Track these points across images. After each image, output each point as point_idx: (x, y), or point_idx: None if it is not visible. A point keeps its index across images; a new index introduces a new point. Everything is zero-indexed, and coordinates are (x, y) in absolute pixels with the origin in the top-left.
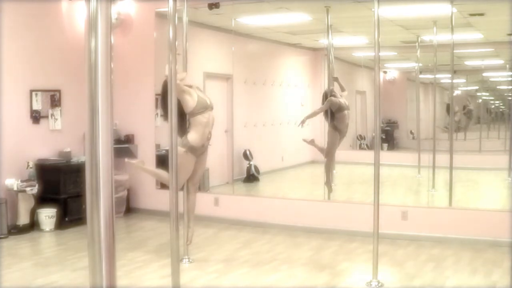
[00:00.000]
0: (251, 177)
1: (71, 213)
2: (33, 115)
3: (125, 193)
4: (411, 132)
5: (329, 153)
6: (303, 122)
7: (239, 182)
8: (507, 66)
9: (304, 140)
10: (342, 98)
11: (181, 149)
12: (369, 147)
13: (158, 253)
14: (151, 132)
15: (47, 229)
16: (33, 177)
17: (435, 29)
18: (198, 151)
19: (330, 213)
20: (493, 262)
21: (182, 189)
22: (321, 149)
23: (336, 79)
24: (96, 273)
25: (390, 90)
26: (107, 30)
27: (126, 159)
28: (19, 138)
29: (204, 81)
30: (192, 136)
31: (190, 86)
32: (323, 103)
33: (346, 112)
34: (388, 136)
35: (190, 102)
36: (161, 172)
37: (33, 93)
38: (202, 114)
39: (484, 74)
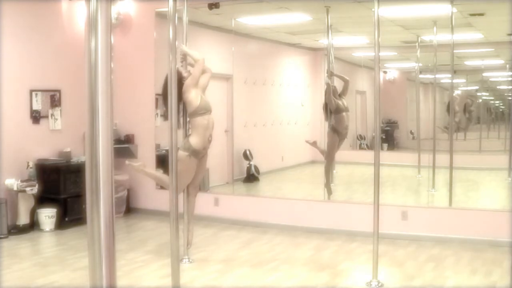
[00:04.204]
0: (251, 177)
1: (71, 213)
2: (33, 115)
3: (125, 193)
4: (411, 132)
5: (328, 156)
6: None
7: (239, 182)
8: (507, 66)
9: (307, 142)
10: (341, 100)
11: (183, 154)
12: (369, 147)
13: (158, 253)
14: (151, 132)
15: (47, 229)
16: (33, 177)
17: (435, 29)
18: (200, 154)
19: (330, 213)
20: (493, 262)
21: (182, 191)
22: (322, 151)
23: (332, 74)
24: (96, 273)
25: (390, 90)
26: (107, 30)
27: (126, 162)
28: (19, 138)
29: None
30: (194, 140)
31: None
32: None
33: (344, 113)
34: (388, 136)
35: (194, 100)
36: (163, 176)
37: (33, 93)
38: (203, 116)
39: (484, 74)
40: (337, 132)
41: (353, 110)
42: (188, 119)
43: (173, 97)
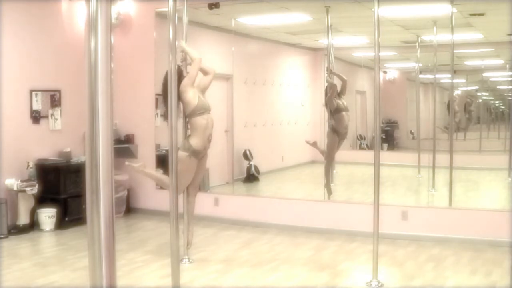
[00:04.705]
0: (251, 177)
1: (71, 213)
2: (33, 115)
3: (125, 193)
4: (411, 132)
5: (328, 156)
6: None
7: (239, 182)
8: (507, 66)
9: (307, 142)
10: (341, 99)
11: (184, 154)
12: (369, 147)
13: (158, 253)
14: (151, 132)
15: (47, 229)
16: (33, 177)
17: (435, 29)
18: (200, 154)
19: (330, 213)
20: (493, 262)
21: (182, 191)
22: (322, 152)
23: (332, 73)
24: (96, 273)
25: (390, 90)
26: (107, 30)
27: (126, 162)
28: (19, 138)
29: None
30: (194, 140)
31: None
32: (325, 100)
33: (344, 113)
34: (388, 136)
35: (192, 100)
36: (163, 177)
37: (33, 93)
38: (202, 115)
39: (484, 74)
40: (337, 132)
41: (353, 110)
42: (187, 119)
43: (173, 97)
